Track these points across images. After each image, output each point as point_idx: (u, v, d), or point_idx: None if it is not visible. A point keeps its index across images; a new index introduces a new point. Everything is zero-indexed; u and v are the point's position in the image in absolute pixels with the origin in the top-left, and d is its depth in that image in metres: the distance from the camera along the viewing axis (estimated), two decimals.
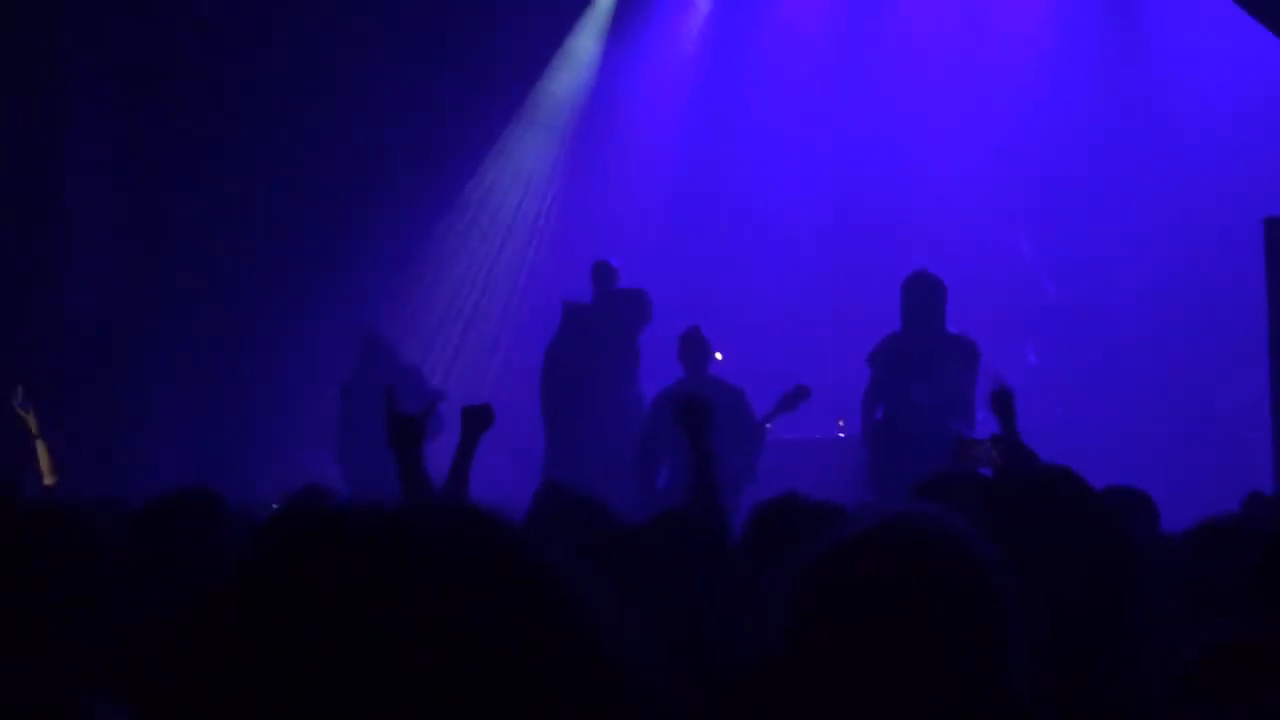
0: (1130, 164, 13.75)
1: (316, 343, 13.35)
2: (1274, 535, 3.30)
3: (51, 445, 9.49)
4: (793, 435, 11.61)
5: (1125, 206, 13.68)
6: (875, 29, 14.40)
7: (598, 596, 1.24)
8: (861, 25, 14.46)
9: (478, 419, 6.42)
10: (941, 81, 14.10)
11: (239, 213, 13.64)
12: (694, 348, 10.70)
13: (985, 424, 10.01)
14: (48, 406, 9.87)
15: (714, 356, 11.13)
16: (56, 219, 12.68)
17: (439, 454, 6.26)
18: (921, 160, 14.05)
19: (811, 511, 3.87)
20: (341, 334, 12.86)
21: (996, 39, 13.97)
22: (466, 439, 6.31)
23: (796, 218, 14.33)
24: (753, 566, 3.58)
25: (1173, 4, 13.83)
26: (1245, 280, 10.08)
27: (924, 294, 10.02)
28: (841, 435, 11.84)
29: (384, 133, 13.86)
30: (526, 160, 14.66)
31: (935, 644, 1.95)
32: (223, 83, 13.48)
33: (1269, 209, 9.22)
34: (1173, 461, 12.38)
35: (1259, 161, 12.67)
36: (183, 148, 13.48)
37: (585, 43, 14.82)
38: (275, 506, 5.48)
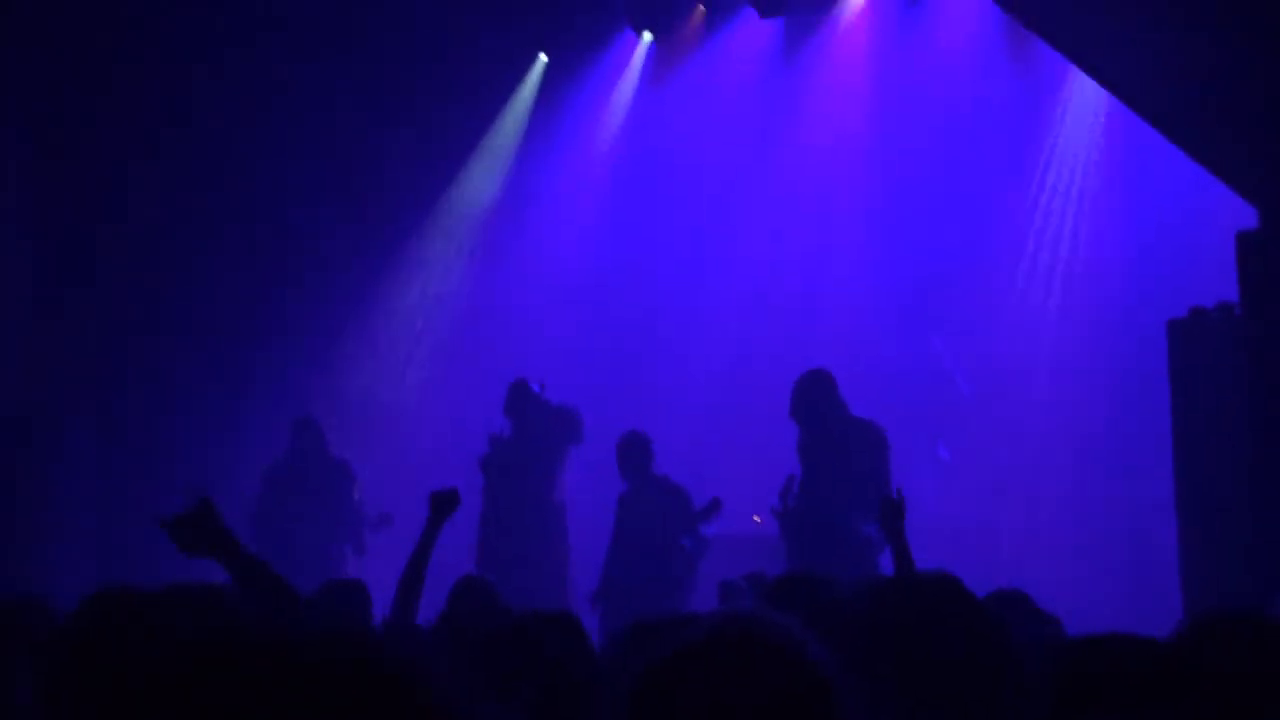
0: (1044, 265, 13.92)
1: (238, 423, 13.29)
2: (1174, 642, 3.29)
3: None
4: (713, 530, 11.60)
5: (1038, 307, 13.85)
6: (792, 130, 14.56)
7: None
8: (779, 126, 14.61)
9: (444, 504, 6.42)
10: (859, 182, 14.26)
11: (149, 290, 13.61)
12: (634, 453, 10.71)
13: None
14: None
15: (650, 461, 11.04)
16: None
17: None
18: (838, 262, 14.19)
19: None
20: (263, 414, 12.79)
21: (911, 141, 14.14)
22: (432, 524, 6.29)
23: (712, 315, 14.43)
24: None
25: (1101, 113, 13.92)
26: (1153, 381, 10.23)
27: (818, 388, 10.06)
28: (758, 525, 11.89)
29: (292, 223, 13.94)
30: (438, 262, 14.77)
31: None
32: (137, 162, 13.56)
33: (1176, 311, 9.41)
34: (1081, 558, 12.51)
35: (1173, 260, 12.78)
36: (98, 221, 13.49)
37: (501, 141, 14.93)
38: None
